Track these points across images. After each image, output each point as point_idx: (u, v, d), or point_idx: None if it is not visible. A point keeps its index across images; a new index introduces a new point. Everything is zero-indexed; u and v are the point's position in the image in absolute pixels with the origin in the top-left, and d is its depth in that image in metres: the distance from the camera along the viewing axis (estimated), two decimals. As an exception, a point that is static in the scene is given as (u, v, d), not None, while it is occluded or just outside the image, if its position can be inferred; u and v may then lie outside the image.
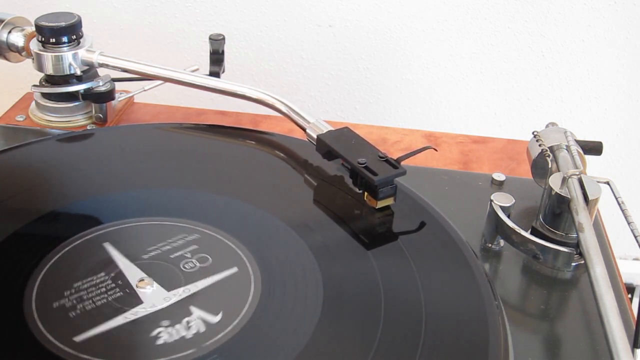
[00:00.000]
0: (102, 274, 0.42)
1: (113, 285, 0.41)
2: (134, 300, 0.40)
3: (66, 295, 0.40)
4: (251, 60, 0.93)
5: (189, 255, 0.44)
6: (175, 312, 0.39)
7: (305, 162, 0.54)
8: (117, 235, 0.45)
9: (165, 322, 0.39)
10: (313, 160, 0.54)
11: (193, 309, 0.40)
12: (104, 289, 0.41)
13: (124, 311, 0.39)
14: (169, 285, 0.41)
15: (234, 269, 0.43)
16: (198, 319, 0.39)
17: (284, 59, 0.93)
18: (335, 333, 0.39)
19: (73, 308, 0.39)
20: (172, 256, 0.43)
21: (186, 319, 0.39)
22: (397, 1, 0.88)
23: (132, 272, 0.42)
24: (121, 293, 0.40)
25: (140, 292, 0.41)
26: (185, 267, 0.43)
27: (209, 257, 0.44)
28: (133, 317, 0.39)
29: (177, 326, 0.38)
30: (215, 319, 0.39)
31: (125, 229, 0.46)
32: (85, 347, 0.37)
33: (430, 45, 0.91)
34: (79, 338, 0.37)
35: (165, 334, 0.38)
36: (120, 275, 0.42)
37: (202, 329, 0.38)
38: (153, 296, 0.40)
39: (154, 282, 0.41)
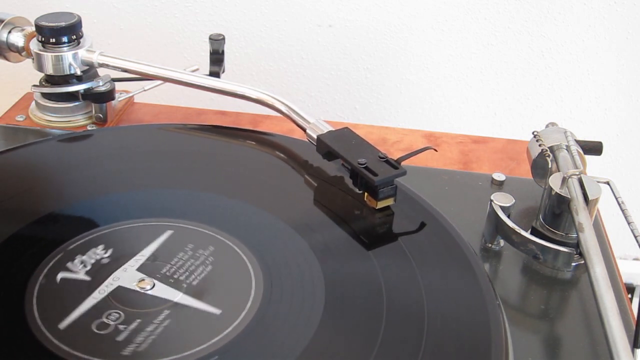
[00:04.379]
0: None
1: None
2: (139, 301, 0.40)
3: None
4: (251, 60, 0.93)
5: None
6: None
7: (305, 162, 0.54)
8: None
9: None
10: (313, 161, 0.54)
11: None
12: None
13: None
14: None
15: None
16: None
17: (284, 59, 0.93)
18: (337, 333, 0.39)
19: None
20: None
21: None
22: (397, 1, 0.88)
23: (132, 273, 0.42)
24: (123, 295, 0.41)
25: (140, 291, 0.41)
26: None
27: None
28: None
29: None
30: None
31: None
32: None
33: (430, 45, 0.91)
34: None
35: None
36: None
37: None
38: (154, 295, 0.40)
39: (154, 282, 0.41)
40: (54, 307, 0.39)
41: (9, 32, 0.63)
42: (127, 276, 0.42)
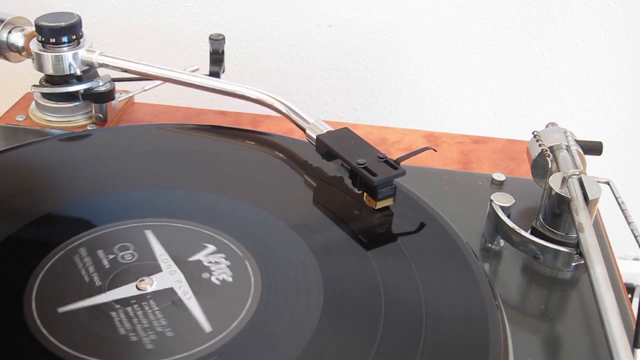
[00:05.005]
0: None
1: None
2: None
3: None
4: (251, 60, 0.93)
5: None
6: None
7: (304, 162, 0.54)
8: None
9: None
10: (313, 161, 0.54)
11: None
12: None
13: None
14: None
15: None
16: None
17: (284, 59, 0.93)
18: (336, 333, 0.39)
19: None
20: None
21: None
22: (397, 1, 0.88)
23: (131, 273, 0.42)
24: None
25: (140, 291, 0.41)
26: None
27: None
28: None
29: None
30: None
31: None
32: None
33: (430, 45, 0.91)
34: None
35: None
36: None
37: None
38: (154, 295, 0.40)
39: (154, 281, 0.41)
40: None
41: (9, 32, 0.63)
42: (127, 276, 0.42)
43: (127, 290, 0.41)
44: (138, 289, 0.41)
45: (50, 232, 0.45)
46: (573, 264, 0.47)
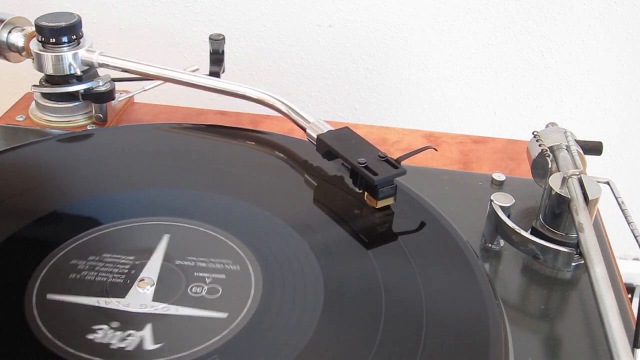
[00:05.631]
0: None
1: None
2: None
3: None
4: (251, 60, 0.93)
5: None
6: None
7: (305, 162, 0.54)
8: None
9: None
10: (313, 160, 0.54)
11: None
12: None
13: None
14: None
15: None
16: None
17: (284, 59, 0.93)
18: (336, 333, 0.39)
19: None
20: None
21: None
22: (397, 1, 0.88)
23: (131, 273, 0.42)
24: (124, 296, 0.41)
25: (139, 290, 0.41)
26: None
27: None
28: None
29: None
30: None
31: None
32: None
33: (430, 45, 0.91)
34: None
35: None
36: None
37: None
38: (154, 295, 0.40)
39: (155, 282, 0.41)
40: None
41: (9, 32, 0.63)
42: (127, 276, 0.42)
43: (126, 289, 0.41)
44: (138, 288, 0.41)
45: (50, 232, 0.45)
46: (573, 264, 0.47)
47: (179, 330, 0.38)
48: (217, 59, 0.65)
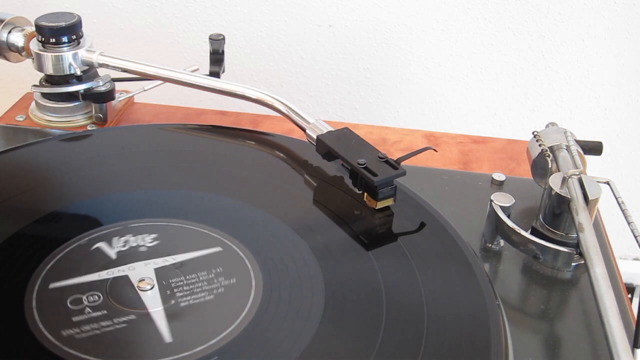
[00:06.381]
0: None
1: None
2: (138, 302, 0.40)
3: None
4: (251, 60, 0.93)
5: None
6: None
7: (305, 162, 0.54)
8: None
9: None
10: (313, 161, 0.54)
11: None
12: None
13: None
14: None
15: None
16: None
17: (284, 59, 0.93)
18: (337, 333, 0.39)
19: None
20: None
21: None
22: (397, 1, 0.88)
23: (132, 274, 0.42)
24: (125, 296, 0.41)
25: (141, 292, 0.41)
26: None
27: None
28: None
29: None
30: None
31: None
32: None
33: (430, 45, 0.91)
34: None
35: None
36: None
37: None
38: (154, 296, 0.40)
39: (155, 282, 0.41)
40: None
41: (9, 32, 0.63)
42: (126, 276, 0.42)
43: (127, 290, 0.41)
44: (138, 288, 0.41)
45: (50, 232, 0.45)
46: (573, 264, 0.47)
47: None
48: (217, 59, 0.65)
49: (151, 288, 0.41)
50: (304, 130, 0.55)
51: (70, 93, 0.63)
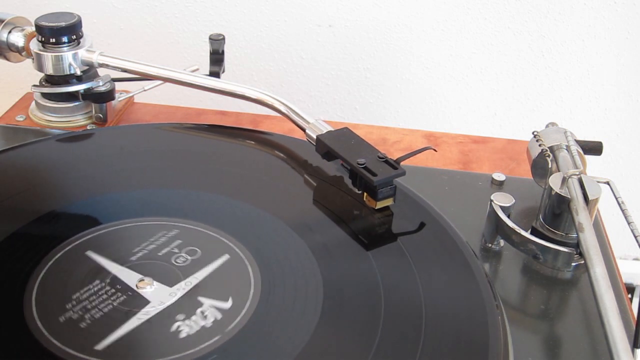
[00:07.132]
0: (102, 280, 0.42)
1: (113, 290, 0.41)
2: (140, 301, 0.40)
3: (69, 308, 0.39)
4: (251, 60, 0.93)
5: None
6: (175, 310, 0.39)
7: (304, 162, 0.54)
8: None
9: (181, 316, 0.39)
10: (313, 161, 0.54)
11: (192, 307, 0.40)
12: (105, 296, 0.40)
13: (135, 313, 0.39)
14: (169, 283, 0.41)
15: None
16: (211, 308, 0.39)
17: (284, 59, 0.93)
18: (336, 333, 0.39)
19: (81, 319, 0.39)
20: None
21: (199, 309, 0.39)
22: (397, 1, 0.88)
23: (132, 274, 0.42)
24: (125, 296, 0.40)
25: (142, 292, 0.41)
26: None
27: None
28: (147, 317, 0.39)
29: (194, 317, 0.39)
30: (226, 305, 0.39)
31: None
32: (109, 354, 0.37)
33: (430, 45, 0.91)
34: (100, 346, 0.37)
35: (185, 327, 0.38)
36: (120, 279, 0.42)
37: (219, 316, 0.38)
38: (154, 295, 0.40)
39: (154, 282, 0.41)
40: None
41: (9, 32, 0.63)
42: (126, 275, 0.42)
43: (126, 288, 0.41)
44: (139, 287, 0.41)
45: (50, 232, 0.45)
46: (573, 264, 0.47)
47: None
48: (217, 59, 0.65)
49: (151, 287, 0.41)
50: (303, 130, 0.55)
51: (70, 93, 0.63)
